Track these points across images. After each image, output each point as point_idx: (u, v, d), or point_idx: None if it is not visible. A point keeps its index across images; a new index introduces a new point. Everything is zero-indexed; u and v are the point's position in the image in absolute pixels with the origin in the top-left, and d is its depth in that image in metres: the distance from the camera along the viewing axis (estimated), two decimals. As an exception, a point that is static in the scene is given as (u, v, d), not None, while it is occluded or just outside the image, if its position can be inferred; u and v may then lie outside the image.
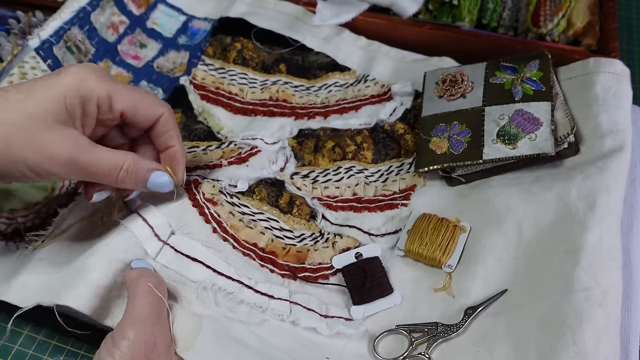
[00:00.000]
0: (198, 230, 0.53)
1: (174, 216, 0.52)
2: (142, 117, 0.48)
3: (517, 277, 0.50)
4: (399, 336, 0.50)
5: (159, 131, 0.49)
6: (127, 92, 0.47)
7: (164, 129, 0.49)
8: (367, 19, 0.73)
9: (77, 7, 0.68)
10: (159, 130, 0.49)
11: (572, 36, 0.70)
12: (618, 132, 0.55)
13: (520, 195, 0.54)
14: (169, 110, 0.50)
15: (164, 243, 0.51)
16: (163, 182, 0.49)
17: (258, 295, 0.51)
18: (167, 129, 0.49)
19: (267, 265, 0.53)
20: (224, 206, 0.55)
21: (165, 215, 0.52)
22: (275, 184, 0.59)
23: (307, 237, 0.56)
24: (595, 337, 0.44)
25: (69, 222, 0.56)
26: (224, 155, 0.60)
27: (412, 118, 0.64)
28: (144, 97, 0.48)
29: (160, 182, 0.49)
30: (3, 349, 0.53)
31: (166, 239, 0.51)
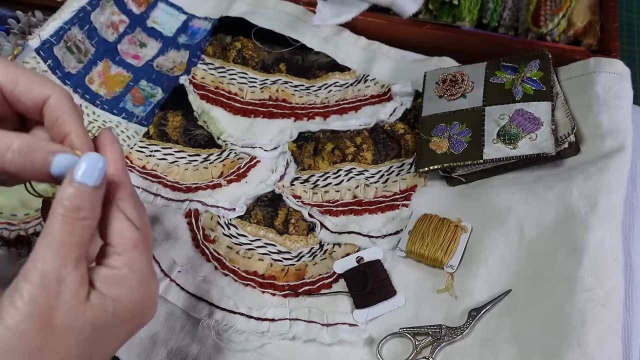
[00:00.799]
0: (200, 269, 0.55)
1: (179, 255, 0.55)
2: (23, 93, 0.38)
3: (520, 277, 0.50)
4: (403, 339, 0.50)
5: (50, 117, 0.39)
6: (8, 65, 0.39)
7: (55, 114, 0.38)
8: (367, 19, 0.73)
9: (77, 6, 0.68)
10: (49, 116, 0.39)
11: (573, 36, 0.70)
12: (619, 132, 0.55)
13: (521, 195, 0.54)
14: (62, 92, 0.39)
15: (170, 279, 0.54)
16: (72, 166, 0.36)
17: (259, 322, 0.52)
18: (58, 114, 0.38)
19: (267, 290, 0.54)
20: (222, 242, 0.57)
21: (172, 253, 0.55)
22: (272, 201, 0.60)
23: (305, 255, 0.56)
24: (598, 338, 0.44)
25: None
26: (224, 171, 0.62)
27: (412, 118, 0.64)
28: (29, 73, 0.39)
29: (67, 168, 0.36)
30: (3, 349, 0.53)
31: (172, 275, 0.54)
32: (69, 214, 0.34)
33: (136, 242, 0.37)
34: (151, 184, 0.61)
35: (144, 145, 0.64)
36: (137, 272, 0.36)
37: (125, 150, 0.64)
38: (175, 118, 0.66)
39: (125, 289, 0.36)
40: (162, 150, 0.64)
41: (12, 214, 0.57)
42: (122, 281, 0.36)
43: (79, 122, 0.39)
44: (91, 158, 0.35)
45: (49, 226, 0.34)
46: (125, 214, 0.37)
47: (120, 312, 0.36)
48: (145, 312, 0.38)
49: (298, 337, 0.51)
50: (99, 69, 0.68)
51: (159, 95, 0.69)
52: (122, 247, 0.36)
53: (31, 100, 0.38)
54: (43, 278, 0.33)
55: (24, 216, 0.57)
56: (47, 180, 0.37)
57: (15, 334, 0.32)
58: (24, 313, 0.32)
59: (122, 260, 0.36)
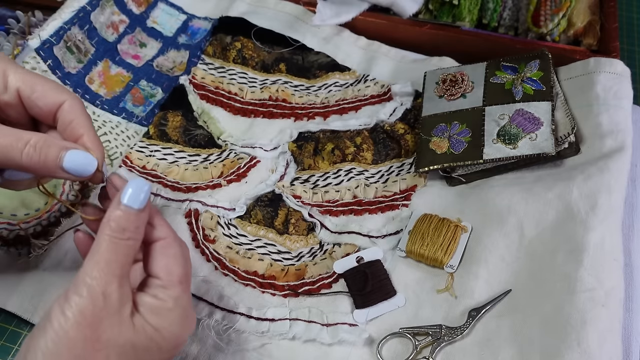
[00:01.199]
0: (200, 269, 0.55)
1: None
2: (39, 98, 0.41)
3: (520, 277, 0.50)
4: (403, 339, 0.50)
5: (64, 121, 0.42)
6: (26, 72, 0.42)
7: (69, 117, 0.42)
8: (367, 19, 0.73)
9: (77, 6, 0.68)
10: (63, 119, 0.42)
11: (573, 36, 0.70)
12: (619, 132, 0.55)
13: (522, 195, 0.54)
14: (75, 99, 0.42)
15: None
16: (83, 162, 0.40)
17: (259, 322, 0.51)
18: (71, 117, 0.42)
19: (267, 290, 0.54)
20: (222, 242, 0.57)
21: None
22: (272, 201, 0.60)
23: (305, 254, 0.56)
24: (599, 338, 0.44)
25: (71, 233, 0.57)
26: (224, 171, 0.62)
27: (412, 118, 0.64)
28: (46, 80, 0.42)
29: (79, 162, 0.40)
30: (3, 349, 0.53)
31: None
32: (115, 235, 0.37)
33: (181, 279, 0.39)
34: (151, 184, 0.61)
35: (144, 145, 0.64)
36: (180, 308, 0.39)
37: (125, 150, 0.64)
38: (175, 118, 0.66)
39: (167, 321, 0.38)
40: (162, 150, 0.64)
41: (12, 214, 0.57)
42: (166, 313, 0.38)
43: (90, 125, 0.42)
44: (137, 183, 0.38)
45: (97, 245, 0.37)
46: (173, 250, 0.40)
47: (159, 341, 0.38)
48: (180, 345, 0.40)
49: (298, 337, 0.51)
50: (99, 69, 0.68)
51: (159, 95, 0.69)
52: (168, 282, 0.39)
53: (46, 105, 0.41)
54: (90, 291, 0.35)
55: (24, 216, 0.57)
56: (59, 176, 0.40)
57: (63, 340, 0.35)
58: (73, 322, 0.35)
59: (167, 293, 0.39)
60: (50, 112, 0.42)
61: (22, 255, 0.56)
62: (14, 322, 0.54)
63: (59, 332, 0.35)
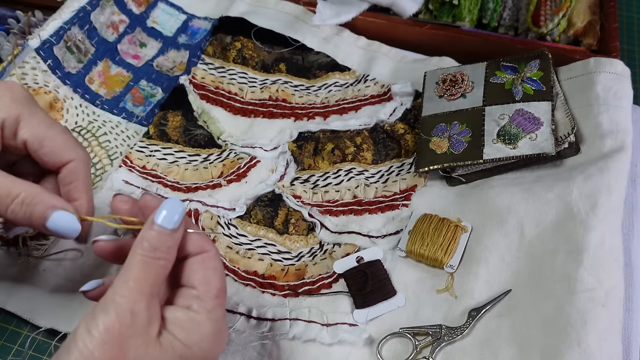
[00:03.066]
0: None
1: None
2: (46, 155, 0.42)
3: (520, 277, 0.50)
4: (403, 339, 0.50)
5: (64, 179, 0.43)
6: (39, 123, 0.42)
7: (70, 178, 0.43)
8: (367, 19, 0.73)
9: (77, 6, 0.68)
10: (64, 177, 0.43)
11: (573, 36, 0.70)
12: (619, 132, 0.55)
13: (522, 195, 0.54)
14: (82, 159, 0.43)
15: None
16: (66, 226, 0.40)
17: (259, 322, 0.52)
18: (72, 179, 0.42)
19: (267, 290, 0.54)
20: (222, 242, 0.57)
21: None
22: (272, 201, 0.60)
23: (305, 254, 0.56)
24: (599, 338, 0.44)
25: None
26: (224, 171, 0.62)
27: (412, 118, 0.64)
28: (57, 135, 0.42)
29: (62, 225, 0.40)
30: (3, 349, 0.53)
31: None
32: (147, 254, 0.36)
33: (218, 293, 0.38)
34: (151, 184, 0.61)
35: (144, 145, 0.64)
36: (213, 322, 0.37)
37: (125, 150, 0.64)
38: (175, 118, 0.66)
39: (197, 336, 0.36)
40: (162, 150, 0.64)
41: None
42: (197, 327, 0.37)
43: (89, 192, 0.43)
44: (172, 204, 0.37)
45: (128, 264, 0.36)
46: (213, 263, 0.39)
47: (188, 357, 0.36)
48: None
49: (298, 337, 0.51)
50: (99, 68, 0.68)
51: (159, 95, 0.69)
52: (205, 293, 0.37)
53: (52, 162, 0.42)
54: (118, 310, 0.34)
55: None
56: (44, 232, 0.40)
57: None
58: (99, 341, 0.34)
59: (202, 305, 0.37)
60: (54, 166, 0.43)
61: (22, 255, 0.56)
62: (14, 322, 0.54)
63: (84, 352, 0.34)
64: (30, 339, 0.53)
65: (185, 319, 0.37)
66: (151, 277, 0.36)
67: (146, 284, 0.36)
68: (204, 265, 0.38)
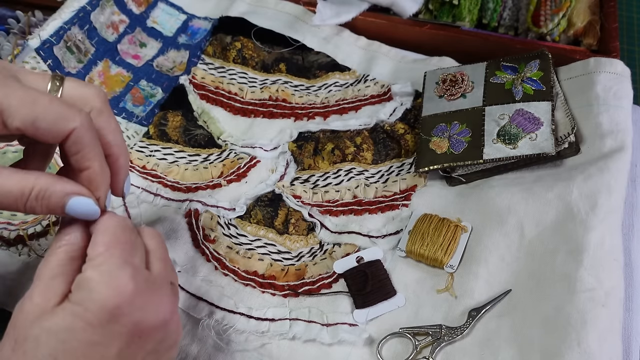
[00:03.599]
0: (200, 269, 0.55)
1: (179, 255, 0.55)
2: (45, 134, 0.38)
3: (520, 277, 0.50)
4: (403, 339, 0.50)
5: (71, 150, 0.39)
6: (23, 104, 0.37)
7: (75, 148, 0.39)
8: (367, 18, 0.73)
9: (77, 6, 0.67)
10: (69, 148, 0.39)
11: (573, 36, 0.70)
12: (619, 132, 0.55)
13: (522, 195, 0.54)
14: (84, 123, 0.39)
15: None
16: (86, 210, 0.39)
17: (259, 322, 0.51)
18: (78, 148, 0.39)
19: (267, 290, 0.54)
20: (222, 242, 0.57)
21: (171, 253, 0.54)
22: (272, 201, 0.60)
23: (305, 254, 0.56)
24: (599, 338, 0.44)
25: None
26: (224, 171, 0.62)
27: (412, 118, 0.64)
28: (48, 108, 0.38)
29: (82, 211, 0.39)
30: (3, 349, 0.53)
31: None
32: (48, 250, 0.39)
33: (108, 246, 0.37)
34: (151, 184, 0.61)
35: (144, 145, 0.64)
36: (99, 271, 0.36)
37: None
38: (175, 118, 0.66)
39: (86, 291, 0.36)
40: (162, 150, 0.64)
41: (12, 214, 0.57)
42: (84, 282, 0.36)
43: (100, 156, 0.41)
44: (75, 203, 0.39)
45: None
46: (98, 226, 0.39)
47: (81, 314, 0.35)
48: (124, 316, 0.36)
49: (298, 337, 0.51)
50: (99, 68, 0.68)
51: (159, 95, 0.69)
52: (93, 252, 0.37)
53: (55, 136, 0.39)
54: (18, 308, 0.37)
55: (24, 216, 0.57)
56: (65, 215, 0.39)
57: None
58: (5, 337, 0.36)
59: (88, 264, 0.37)
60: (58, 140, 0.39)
61: (22, 255, 0.56)
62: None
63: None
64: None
65: (77, 281, 0.37)
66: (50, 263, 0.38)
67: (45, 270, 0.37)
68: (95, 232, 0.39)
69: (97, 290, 0.36)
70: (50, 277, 0.37)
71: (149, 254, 0.41)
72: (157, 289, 0.39)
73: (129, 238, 0.39)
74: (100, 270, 0.36)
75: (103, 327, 0.36)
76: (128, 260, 0.37)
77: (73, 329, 0.35)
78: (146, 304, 0.37)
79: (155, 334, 0.38)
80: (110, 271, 0.36)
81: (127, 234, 0.39)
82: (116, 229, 0.39)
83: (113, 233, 0.38)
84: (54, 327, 0.35)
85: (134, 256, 0.38)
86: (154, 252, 0.41)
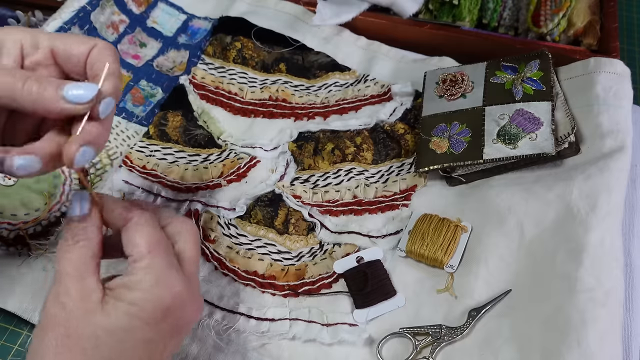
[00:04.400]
0: (200, 269, 0.55)
1: None
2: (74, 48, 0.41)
3: (520, 277, 0.50)
4: (403, 339, 0.50)
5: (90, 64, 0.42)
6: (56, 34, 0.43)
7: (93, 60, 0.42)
8: (367, 18, 0.73)
9: (77, 6, 0.68)
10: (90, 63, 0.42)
11: (573, 36, 0.70)
12: (619, 132, 0.55)
13: (522, 195, 0.54)
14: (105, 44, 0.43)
15: None
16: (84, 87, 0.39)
17: (259, 322, 0.52)
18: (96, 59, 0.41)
19: (267, 290, 0.54)
20: (222, 242, 0.57)
21: None
22: (272, 201, 0.60)
23: (305, 254, 0.56)
24: (599, 339, 0.44)
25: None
26: (224, 170, 0.62)
27: (412, 118, 0.64)
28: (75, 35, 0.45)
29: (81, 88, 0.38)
30: (3, 349, 0.53)
31: None
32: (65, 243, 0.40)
33: (150, 247, 0.40)
34: (151, 184, 0.61)
35: (144, 145, 0.64)
36: (151, 275, 0.39)
37: (125, 150, 0.64)
38: (175, 118, 0.66)
39: (140, 292, 0.38)
40: (162, 150, 0.64)
41: (12, 214, 0.57)
42: (137, 284, 0.39)
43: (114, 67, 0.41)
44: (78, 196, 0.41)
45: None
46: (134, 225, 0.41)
47: (137, 314, 0.38)
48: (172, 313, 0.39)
49: (298, 337, 0.51)
50: (99, 68, 0.68)
51: (159, 95, 0.69)
52: (137, 254, 0.40)
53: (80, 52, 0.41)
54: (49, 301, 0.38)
55: (24, 216, 0.57)
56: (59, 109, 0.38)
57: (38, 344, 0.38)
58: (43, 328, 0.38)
59: (136, 265, 0.39)
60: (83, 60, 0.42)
61: (22, 255, 0.56)
62: (14, 322, 0.54)
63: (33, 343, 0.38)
64: (30, 338, 0.53)
65: (125, 281, 0.39)
66: (74, 260, 0.39)
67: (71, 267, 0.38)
68: (129, 232, 0.41)
69: (151, 291, 0.38)
70: (81, 276, 0.38)
71: (180, 252, 0.42)
72: (193, 288, 0.41)
73: (162, 236, 0.41)
74: (152, 273, 0.39)
75: (157, 325, 0.38)
76: (171, 262, 0.40)
77: (131, 328, 0.38)
78: (186, 304, 0.40)
79: (188, 329, 0.42)
80: (161, 273, 0.39)
81: (160, 232, 0.41)
82: (150, 228, 0.41)
83: (149, 233, 0.41)
84: (110, 327, 0.37)
85: (171, 256, 0.41)
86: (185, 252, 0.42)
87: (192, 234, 0.44)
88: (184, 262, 0.42)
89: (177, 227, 0.43)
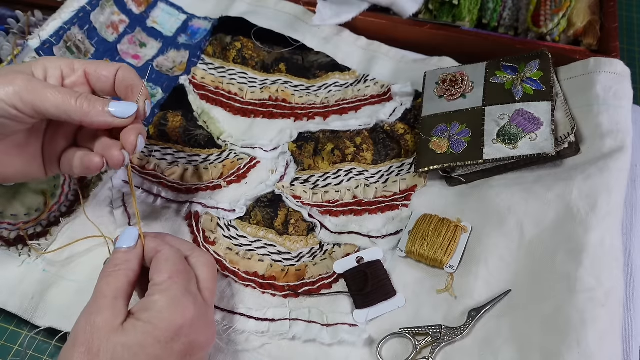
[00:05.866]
0: None
1: None
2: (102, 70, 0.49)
3: (520, 277, 0.50)
4: (403, 340, 0.50)
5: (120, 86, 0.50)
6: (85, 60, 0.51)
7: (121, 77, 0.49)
8: (367, 19, 0.73)
9: (77, 6, 0.67)
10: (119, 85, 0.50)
11: (573, 36, 0.70)
12: (619, 132, 0.55)
13: (521, 195, 0.54)
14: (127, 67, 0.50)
15: None
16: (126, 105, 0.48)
17: (259, 322, 0.52)
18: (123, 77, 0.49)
19: (268, 291, 0.54)
20: (222, 243, 0.57)
21: None
22: (272, 202, 0.60)
23: (305, 255, 0.56)
24: (599, 338, 0.44)
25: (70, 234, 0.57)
26: (224, 171, 0.62)
27: (412, 118, 0.64)
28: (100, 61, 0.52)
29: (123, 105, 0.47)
30: (3, 349, 0.53)
31: None
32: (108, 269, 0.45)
33: (171, 274, 0.44)
34: (151, 185, 0.61)
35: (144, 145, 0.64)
36: (167, 296, 0.43)
37: (125, 151, 0.64)
38: (175, 118, 0.66)
39: (155, 311, 0.42)
40: (162, 151, 0.64)
41: (12, 214, 0.57)
42: (154, 305, 0.42)
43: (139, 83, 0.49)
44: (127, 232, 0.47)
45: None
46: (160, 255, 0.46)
47: (151, 331, 0.41)
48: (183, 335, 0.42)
49: (298, 337, 0.51)
50: (99, 69, 0.68)
51: (159, 95, 0.69)
52: (158, 278, 0.44)
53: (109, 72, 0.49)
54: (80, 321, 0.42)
55: (24, 216, 0.57)
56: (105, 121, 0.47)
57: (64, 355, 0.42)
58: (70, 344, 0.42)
59: (156, 288, 0.44)
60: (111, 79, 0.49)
61: (22, 255, 0.56)
62: (14, 322, 0.54)
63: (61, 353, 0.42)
64: (30, 338, 0.53)
65: (144, 303, 0.43)
66: (112, 284, 0.43)
67: (108, 290, 0.43)
68: (157, 261, 0.46)
69: (165, 311, 0.42)
70: (115, 297, 0.43)
71: (199, 282, 0.46)
72: (208, 315, 0.45)
73: (185, 267, 0.46)
74: (168, 295, 0.43)
75: (167, 344, 0.42)
76: (188, 288, 0.44)
77: (144, 344, 0.41)
78: (199, 327, 0.44)
79: (200, 352, 0.44)
80: (175, 296, 0.43)
81: (184, 264, 0.46)
82: (175, 259, 0.46)
83: (174, 263, 0.45)
84: (128, 343, 0.41)
85: (191, 284, 0.45)
86: (203, 282, 0.46)
87: (209, 266, 0.48)
88: (201, 291, 0.46)
89: (198, 259, 0.48)
